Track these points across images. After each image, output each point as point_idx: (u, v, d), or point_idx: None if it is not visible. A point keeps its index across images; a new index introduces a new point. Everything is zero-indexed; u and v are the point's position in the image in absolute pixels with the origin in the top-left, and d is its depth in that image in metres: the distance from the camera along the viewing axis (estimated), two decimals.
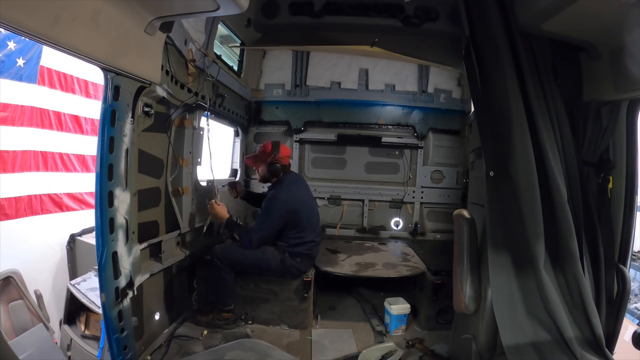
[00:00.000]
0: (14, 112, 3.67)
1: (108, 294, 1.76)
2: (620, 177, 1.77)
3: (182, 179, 2.62)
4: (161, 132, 2.38)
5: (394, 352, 2.39)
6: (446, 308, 2.66)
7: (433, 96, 4.08)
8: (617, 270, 1.74)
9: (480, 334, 1.82)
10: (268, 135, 4.24)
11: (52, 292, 3.75)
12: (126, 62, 1.64)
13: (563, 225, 1.63)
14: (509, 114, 1.72)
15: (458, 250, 1.89)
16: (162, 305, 2.51)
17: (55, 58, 3.91)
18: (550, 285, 1.61)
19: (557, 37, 1.76)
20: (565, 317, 1.58)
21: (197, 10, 1.60)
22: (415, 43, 3.53)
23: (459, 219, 1.88)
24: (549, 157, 1.67)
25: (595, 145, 1.79)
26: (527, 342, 1.59)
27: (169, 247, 2.48)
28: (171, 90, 2.24)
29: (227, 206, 2.92)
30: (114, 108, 1.69)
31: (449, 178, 4.12)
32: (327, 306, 3.11)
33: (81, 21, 1.31)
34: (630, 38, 1.52)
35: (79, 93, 4.30)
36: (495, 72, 1.80)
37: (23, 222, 3.78)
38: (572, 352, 1.51)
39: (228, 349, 2.17)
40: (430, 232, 4.17)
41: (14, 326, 3.06)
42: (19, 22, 1.10)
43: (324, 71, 4.10)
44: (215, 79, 2.82)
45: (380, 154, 4.22)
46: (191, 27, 2.43)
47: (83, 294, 2.78)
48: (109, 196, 1.72)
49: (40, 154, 3.96)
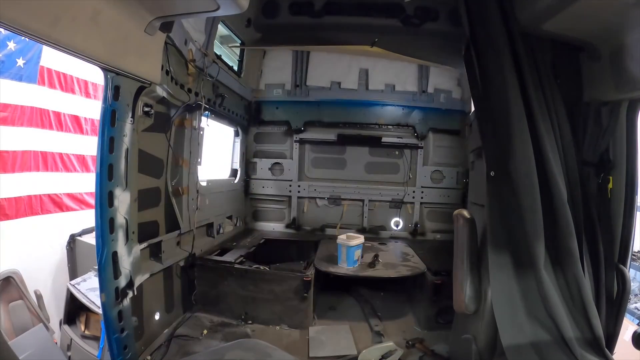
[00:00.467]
0: (14, 112, 3.67)
1: (108, 294, 1.76)
2: (620, 177, 1.77)
3: (182, 179, 2.62)
4: (161, 132, 2.38)
5: (394, 352, 2.39)
6: (446, 308, 2.66)
7: (433, 96, 4.09)
8: (617, 270, 1.74)
9: (480, 334, 1.82)
10: (268, 135, 4.24)
11: (52, 292, 3.75)
12: (126, 62, 1.64)
13: (563, 226, 1.63)
14: (509, 114, 1.71)
15: (458, 250, 1.89)
16: (162, 305, 2.51)
17: (55, 58, 3.91)
18: (550, 285, 1.61)
19: (557, 37, 1.76)
20: (565, 317, 1.58)
21: (197, 10, 1.60)
22: (415, 43, 3.53)
23: (459, 219, 1.88)
24: (549, 157, 1.67)
25: (595, 145, 1.79)
26: (527, 343, 1.59)
27: (169, 247, 2.48)
28: (171, 90, 2.25)
29: (227, 206, 2.92)
30: (114, 108, 1.69)
31: (449, 178, 4.12)
32: (327, 306, 3.11)
33: (81, 21, 1.31)
34: (630, 38, 1.52)
35: (79, 93, 4.30)
36: (495, 72, 1.80)
37: (23, 222, 3.78)
38: (572, 352, 1.51)
39: (228, 349, 2.16)
40: (430, 232, 4.17)
41: (14, 326, 3.06)
42: (19, 22, 1.10)
43: (324, 71, 4.10)
44: (215, 79, 2.82)
45: (380, 154, 4.22)
46: (191, 27, 2.43)
47: (83, 294, 2.79)
48: (109, 196, 1.72)
49: (40, 154, 3.96)
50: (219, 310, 2.82)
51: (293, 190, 4.19)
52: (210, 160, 3.45)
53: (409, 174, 4.19)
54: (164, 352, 2.30)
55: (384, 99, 4.13)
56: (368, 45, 3.19)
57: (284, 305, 2.75)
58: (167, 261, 2.39)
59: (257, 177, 4.21)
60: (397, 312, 3.09)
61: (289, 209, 4.23)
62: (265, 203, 4.28)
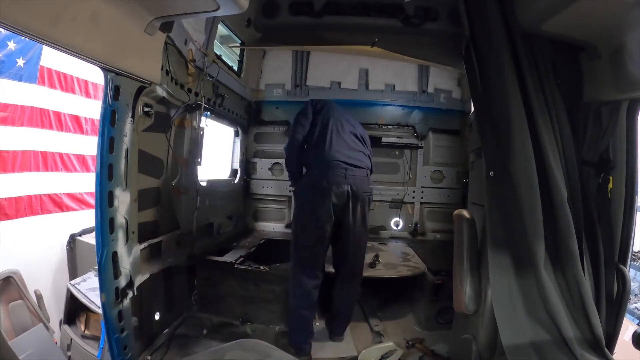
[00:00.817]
0: (14, 112, 3.67)
1: (108, 294, 1.76)
2: (620, 177, 1.76)
3: (182, 179, 2.62)
4: (161, 132, 2.38)
5: (394, 352, 2.40)
6: (446, 308, 2.66)
7: (433, 96, 4.08)
8: (617, 270, 1.74)
9: (480, 334, 1.82)
10: (268, 135, 4.24)
11: (52, 292, 3.76)
12: (126, 62, 1.64)
13: (563, 225, 1.63)
14: (509, 114, 1.72)
15: (458, 250, 1.89)
16: (162, 305, 2.51)
17: (55, 58, 3.92)
18: (550, 285, 1.61)
19: (557, 37, 1.75)
20: (565, 317, 1.58)
21: (197, 10, 1.60)
22: (415, 43, 3.52)
23: (459, 219, 1.88)
24: (549, 157, 1.67)
25: (595, 145, 1.79)
26: (526, 342, 1.59)
27: (169, 247, 2.48)
28: (171, 90, 2.25)
29: (226, 205, 2.92)
30: (114, 108, 1.69)
31: (449, 178, 4.12)
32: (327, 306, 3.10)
33: (81, 21, 1.31)
34: (630, 38, 1.52)
35: (79, 93, 4.31)
36: (494, 72, 1.80)
37: (23, 222, 3.79)
38: (572, 352, 1.51)
39: (228, 349, 2.16)
40: (430, 232, 4.17)
41: (14, 326, 3.06)
42: (19, 22, 1.10)
43: (324, 71, 4.10)
44: (215, 79, 2.82)
45: (381, 154, 4.21)
46: (191, 27, 2.43)
47: (83, 294, 2.79)
48: (109, 196, 1.72)
49: (40, 154, 3.96)
50: (219, 310, 2.82)
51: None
52: (210, 160, 3.46)
53: (409, 174, 4.19)
54: (164, 352, 2.30)
55: (384, 99, 4.13)
56: (368, 45, 3.19)
57: (284, 305, 2.75)
58: (167, 261, 2.39)
59: (257, 177, 4.21)
60: (397, 312, 3.09)
61: (289, 209, 4.23)
62: (265, 203, 4.27)
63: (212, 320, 2.76)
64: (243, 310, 2.79)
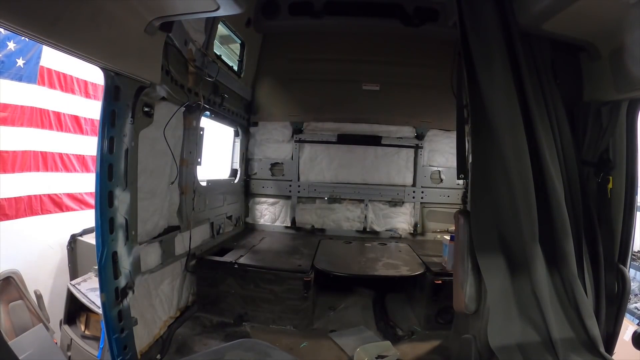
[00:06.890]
0: (14, 112, 3.67)
1: (108, 294, 1.76)
2: (620, 177, 1.76)
3: (182, 179, 2.61)
4: (161, 132, 2.38)
5: (390, 351, 2.39)
6: (446, 308, 2.66)
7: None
8: (617, 270, 1.74)
9: (480, 334, 1.82)
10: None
11: (52, 292, 3.76)
12: (126, 62, 1.64)
13: (558, 226, 1.62)
14: (504, 113, 1.69)
15: (458, 250, 1.89)
16: (162, 305, 2.51)
17: (55, 58, 3.91)
18: (544, 285, 1.61)
19: (557, 37, 1.75)
20: (554, 318, 1.57)
21: (197, 10, 1.60)
22: (415, 45, 3.56)
23: (459, 218, 1.88)
24: (546, 157, 1.66)
25: (595, 145, 1.79)
26: (513, 344, 1.58)
27: (169, 247, 2.48)
28: (171, 90, 2.24)
29: (227, 206, 2.92)
30: (114, 108, 1.69)
31: (449, 178, 4.12)
32: (327, 306, 3.11)
33: (81, 21, 1.31)
34: (630, 38, 1.52)
35: (79, 93, 4.30)
36: (486, 76, 1.77)
37: (23, 222, 3.79)
38: (557, 354, 1.51)
39: (228, 349, 2.16)
40: (431, 232, 4.17)
41: (14, 326, 3.06)
42: (19, 22, 1.10)
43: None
44: (215, 79, 2.82)
45: (381, 154, 4.22)
46: (191, 27, 2.43)
47: (83, 294, 2.79)
48: (109, 196, 1.72)
49: (40, 154, 3.96)
50: (219, 310, 2.82)
51: (293, 190, 4.19)
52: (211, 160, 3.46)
53: (409, 174, 4.19)
54: (164, 352, 2.30)
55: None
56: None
57: (284, 305, 2.75)
58: (167, 261, 2.39)
59: (257, 177, 4.21)
60: (397, 312, 3.09)
61: (289, 209, 4.23)
62: (265, 203, 4.28)
63: (212, 320, 2.75)
64: (243, 310, 2.78)
